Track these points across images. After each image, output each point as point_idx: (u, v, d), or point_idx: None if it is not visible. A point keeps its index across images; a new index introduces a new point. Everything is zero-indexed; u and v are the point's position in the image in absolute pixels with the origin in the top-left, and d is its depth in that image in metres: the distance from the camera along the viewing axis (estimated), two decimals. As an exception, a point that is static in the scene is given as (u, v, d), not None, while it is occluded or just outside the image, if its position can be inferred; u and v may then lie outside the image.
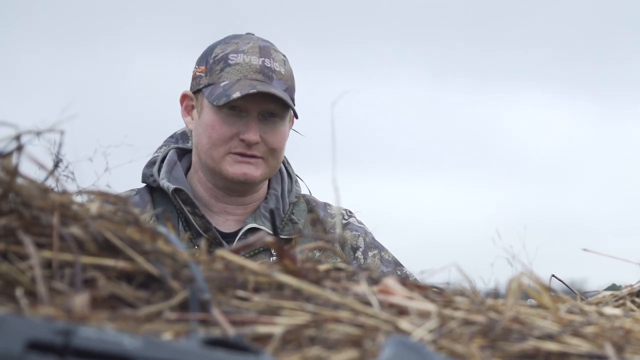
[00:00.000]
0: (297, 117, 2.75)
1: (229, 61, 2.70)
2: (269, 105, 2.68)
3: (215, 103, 2.66)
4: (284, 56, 2.76)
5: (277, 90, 2.66)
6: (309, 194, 2.91)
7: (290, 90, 2.72)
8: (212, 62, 2.72)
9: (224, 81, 2.68)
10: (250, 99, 2.66)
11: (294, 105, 2.73)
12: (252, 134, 2.66)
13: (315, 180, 2.94)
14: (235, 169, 2.69)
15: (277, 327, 1.13)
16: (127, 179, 2.85)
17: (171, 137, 2.92)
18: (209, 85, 2.71)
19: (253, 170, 2.69)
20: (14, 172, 1.19)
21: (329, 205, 2.90)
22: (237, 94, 2.63)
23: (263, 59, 2.70)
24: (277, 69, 2.70)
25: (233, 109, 2.68)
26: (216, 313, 1.13)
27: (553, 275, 1.83)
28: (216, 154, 2.70)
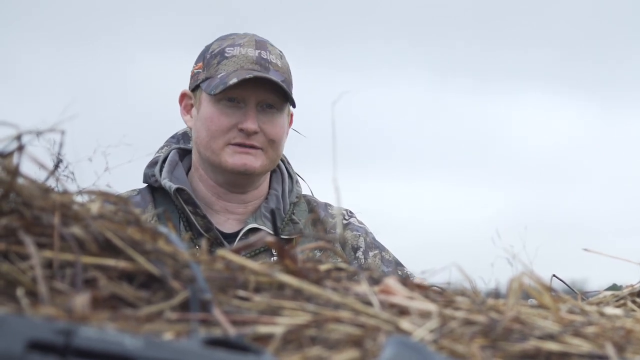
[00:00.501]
0: (294, 107, 2.75)
1: (226, 54, 2.71)
2: (267, 96, 2.68)
3: (212, 92, 2.67)
4: (281, 52, 2.77)
5: (274, 76, 2.67)
6: (310, 194, 2.91)
7: (288, 83, 2.72)
8: (209, 57, 2.74)
9: (221, 73, 2.69)
10: (247, 88, 2.66)
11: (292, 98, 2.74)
12: (251, 122, 2.67)
13: (316, 180, 2.94)
14: (235, 159, 2.69)
15: (278, 327, 1.12)
16: (127, 179, 2.85)
17: (172, 137, 2.92)
18: (206, 79, 2.72)
19: (252, 161, 2.69)
20: (14, 172, 1.19)
21: (330, 205, 2.91)
22: (233, 80, 2.64)
23: (259, 51, 2.71)
24: (274, 61, 2.71)
25: (231, 100, 2.68)
26: (217, 313, 1.13)
27: (554, 275, 1.83)
28: (215, 145, 2.70)
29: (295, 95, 2.77)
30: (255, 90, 2.68)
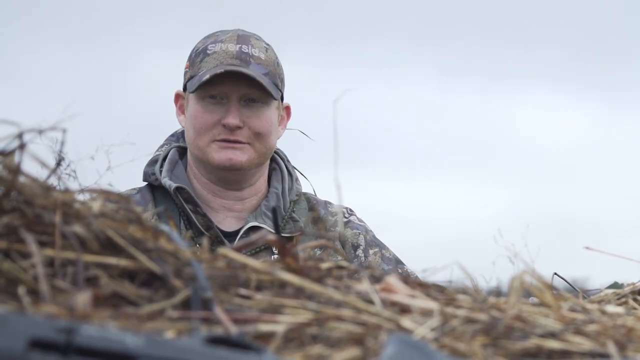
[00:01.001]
0: (275, 99, 2.73)
1: (207, 51, 2.72)
2: (249, 90, 2.68)
3: (190, 90, 2.69)
4: (268, 45, 2.77)
5: (249, 70, 2.67)
6: (311, 191, 2.91)
7: (273, 75, 2.72)
8: (194, 56, 2.75)
9: (202, 70, 2.69)
10: (228, 83, 2.66)
11: (280, 91, 2.73)
12: (232, 117, 2.67)
13: (316, 179, 2.93)
14: (220, 155, 2.69)
15: (279, 326, 1.13)
16: (129, 177, 2.85)
17: (172, 135, 2.92)
18: (191, 78, 2.73)
19: (239, 156, 2.69)
20: (16, 170, 1.19)
21: (330, 203, 2.90)
22: (206, 77, 2.64)
23: (240, 45, 2.71)
24: (256, 55, 2.71)
25: (213, 97, 2.69)
26: (218, 311, 1.13)
27: (555, 274, 1.83)
28: (201, 142, 2.71)
29: (296, 94, 2.76)
30: (237, 85, 2.68)
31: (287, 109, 2.83)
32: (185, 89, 2.77)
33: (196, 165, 2.78)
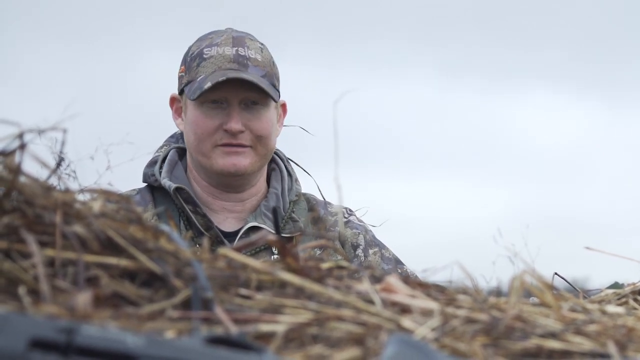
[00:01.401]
0: (275, 101, 2.73)
1: (204, 55, 2.71)
2: (248, 93, 2.68)
3: (191, 98, 2.68)
4: (262, 44, 2.76)
5: (249, 75, 2.66)
6: (314, 190, 2.91)
7: (270, 76, 2.72)
8: (189, 60, 2.74)
9: (200, 76, 2.69)
10: (228, 88, 2.66)
11: (277, 91, 2.74)
12: (234, 122, 2.67)
13: (318, 179, 2.93)
14: (225, 161, 2.69)
15: (279, 326, 1.13)
16: (128, 177, 2.85)
17: (171, 136, 2.92)
18: (188, 82, 2.72)
19: (242, 160, 2.69)
20: (16, 170, 1.19)
21: (330, 203, 2.90)
22: (208, 85, 2.64)
23: (236, 48, 2.71)
24: (253, 57, 2.71)
25: (214, 102, 2.69)
26: (219, 311, 1.13)
27: (556, 273, 1.84)
28: (204, 148, 2.70)
29: (296, 94, 2.76)
30: (237, 89, 2.67)
31: (283, 106, 2.83)
32: (181, 92, 2.77)
33: (196, 169, 2.78)
